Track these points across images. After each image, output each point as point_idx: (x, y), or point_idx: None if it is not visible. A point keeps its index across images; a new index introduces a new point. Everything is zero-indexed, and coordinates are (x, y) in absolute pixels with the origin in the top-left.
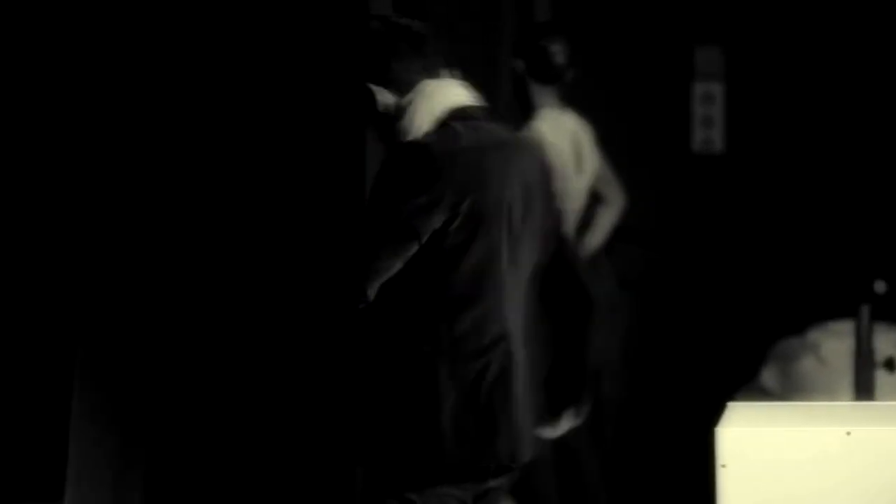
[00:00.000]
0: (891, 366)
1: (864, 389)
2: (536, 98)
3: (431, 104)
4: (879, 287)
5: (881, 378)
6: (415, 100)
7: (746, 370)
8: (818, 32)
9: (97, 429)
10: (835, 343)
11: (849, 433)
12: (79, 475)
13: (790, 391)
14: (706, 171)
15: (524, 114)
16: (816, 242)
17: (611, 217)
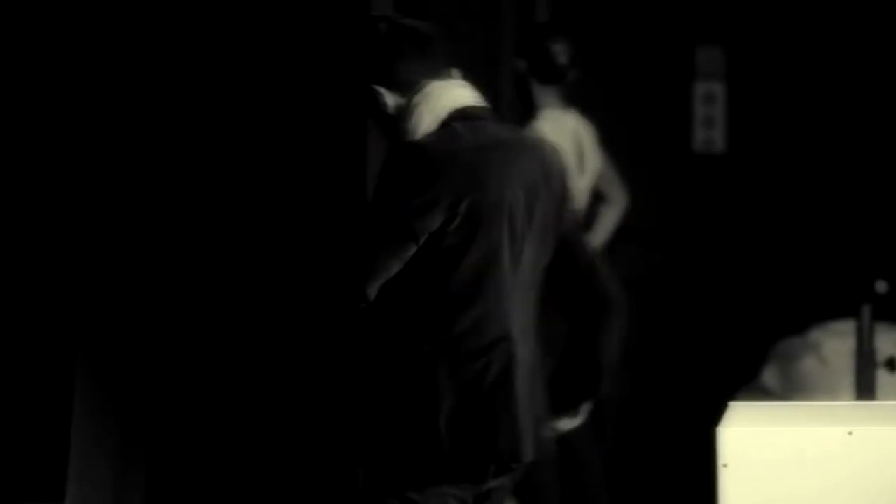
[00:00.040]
0: (892, 366)
1: (866, 389)
2: (539, 98)
3: (434, 105)
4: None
5: (882, 378)
6: (418, 101)
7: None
8: (819, 32)
9: (98, 428)
10: (836, 343)
11: (850, 433)
12: (80, 475)
13: (791, 391)
14: (707, 171)
15: (526, 114)
16: (817, 242)
17: (613, 217)
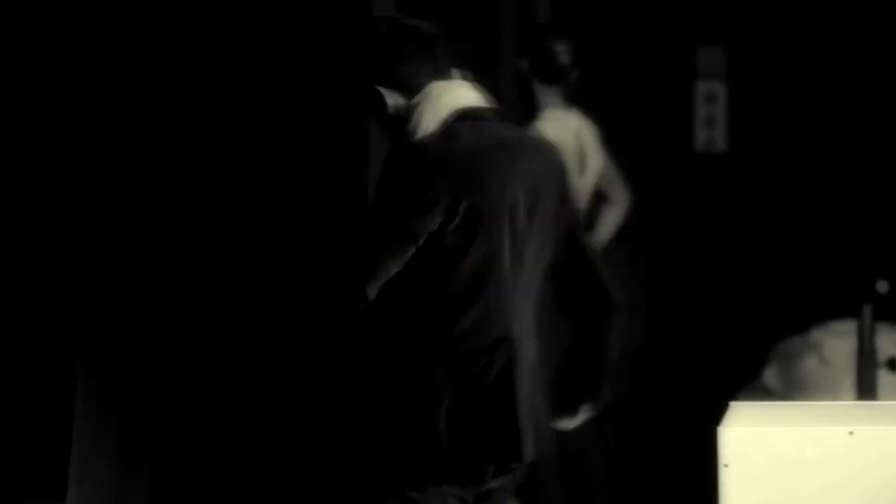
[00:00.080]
0: (893, 365)
1: (867, 389)
2: (540, 98)
3: (438, 106)
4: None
5: (883, 378)
6: (422, 102)
7: (749, 370)
8: (820, 32)
9: (99, 428)
10: (837, 343)
11: (851, 433)
12: (81, 475)
13: (792, 391)
14: (708, 171)
15: (528, 114)
16: (819, 242)
17: (615, 216)
